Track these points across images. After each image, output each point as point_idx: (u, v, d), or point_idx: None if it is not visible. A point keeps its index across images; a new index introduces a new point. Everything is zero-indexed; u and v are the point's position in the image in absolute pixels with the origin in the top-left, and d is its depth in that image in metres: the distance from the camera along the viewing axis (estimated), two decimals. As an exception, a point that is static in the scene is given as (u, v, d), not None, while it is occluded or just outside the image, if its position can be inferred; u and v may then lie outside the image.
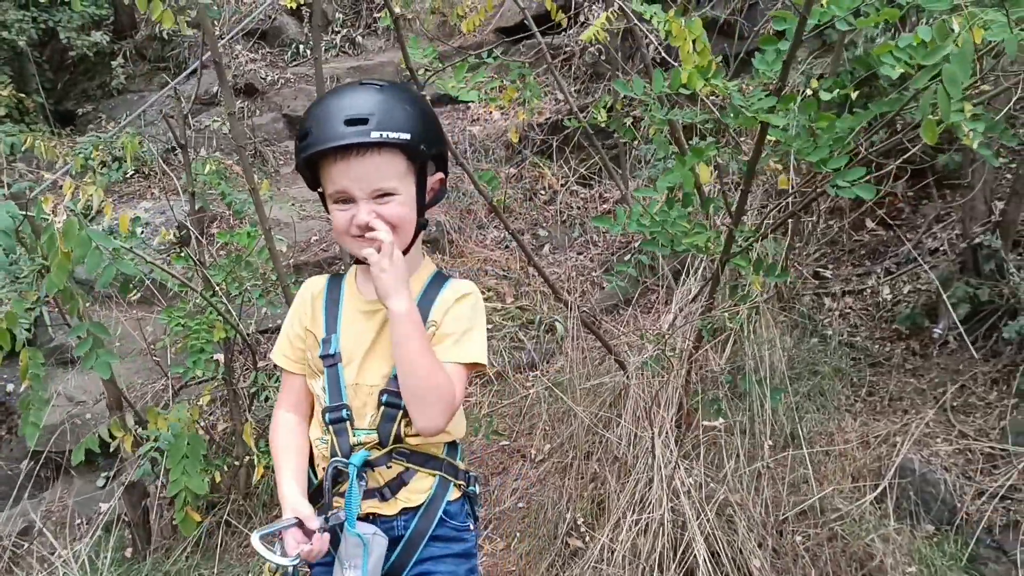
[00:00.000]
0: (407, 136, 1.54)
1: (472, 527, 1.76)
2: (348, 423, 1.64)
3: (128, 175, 6.13)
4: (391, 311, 1.56)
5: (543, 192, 5.68)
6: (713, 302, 2.94)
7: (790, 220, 3.78)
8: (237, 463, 3.48)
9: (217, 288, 3.30)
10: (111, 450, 3.35)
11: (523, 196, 5.63)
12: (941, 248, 4.11)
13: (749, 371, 3.27)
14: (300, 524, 1.59)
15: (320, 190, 1.66)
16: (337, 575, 1.61)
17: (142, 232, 4.99)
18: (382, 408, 1.62)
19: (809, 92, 2.39)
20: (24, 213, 2.38)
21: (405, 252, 1.62)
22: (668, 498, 2.74)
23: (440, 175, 1.70)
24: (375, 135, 1.51)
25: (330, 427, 1.65)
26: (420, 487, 1.68)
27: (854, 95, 2.72)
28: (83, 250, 2.28)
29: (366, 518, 1.66)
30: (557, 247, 5.31)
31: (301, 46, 7.67)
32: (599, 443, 3.31)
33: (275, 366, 1.88)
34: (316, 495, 1.72)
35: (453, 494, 1.72)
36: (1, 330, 2.55)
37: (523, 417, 4.01)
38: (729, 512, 2.91)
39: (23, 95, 6.93)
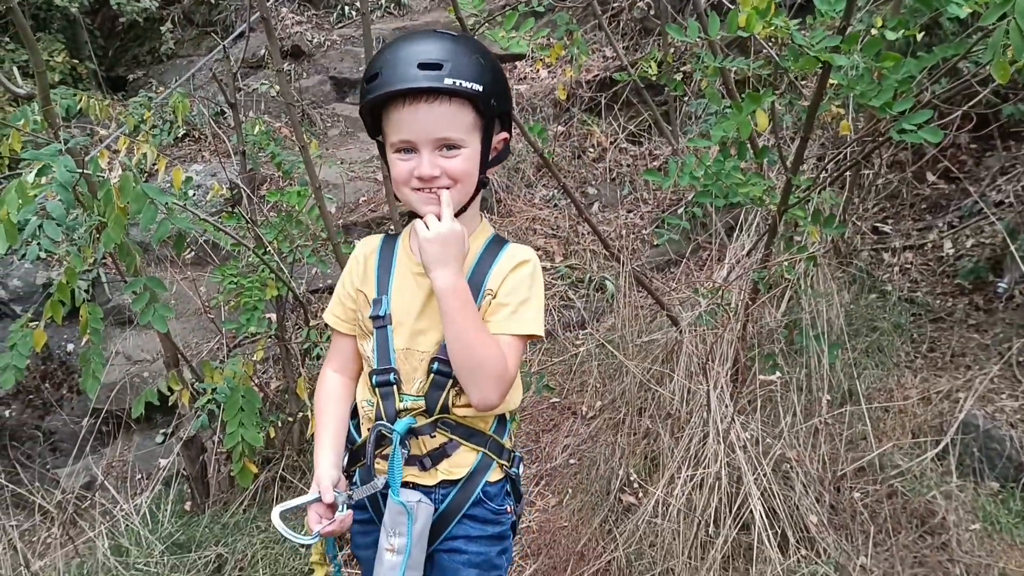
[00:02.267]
0: (479, 88, 1.48)
1: (510, 509, 1.72)
2: (395, 387, 1.61)
3: (179, 138, 6.20)
4: (434, 285, 1.52)
5: (592, 150, 5.61)
6: (770, 254, 2.87)
7: (848, 173, 3.68)
8: (291, 419, 3.52)
9: (268, 246, 3.32)
10: (169, 404, 3.41)
11: (572, 154, 5.57)
12: (1007, 200, 3.98)
13: (806, 326, 3.20)
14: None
15: (379, 138, 1.61)
16: (383, 543, 1.59)
17: (193, 195, 5.04)
18: (432, 376, 1.59)
19: (874, 32, 2.29)
20: (80, 170, 2.40)
21: (463, 210, 1.58)
22: (724, 453, 2.71)
23: (504, 134, 1.64)
24: (448, 82, 1.46)
25: (377, 390, 1.63)
26: (462, 461, 1.64)
27: (919, 36, 2.61)
28: (139, 205, 2.29)
29: (405, 486, 1.63)
30: (607, 205, 5.25)
31: (347, 7, 7.64)
32: (651, 399, 3.29)
33: (326, 326, 1.86)
34: (358, 454, 1.71)
35: (494, 474, 1.67)
36: (62, 285, 2.59)
37: (573, 375, 3.99)
38: (785, 468, 2.87)
39: (76, 61, 7.02)
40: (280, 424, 3.47)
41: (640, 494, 3.09)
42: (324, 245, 3.61)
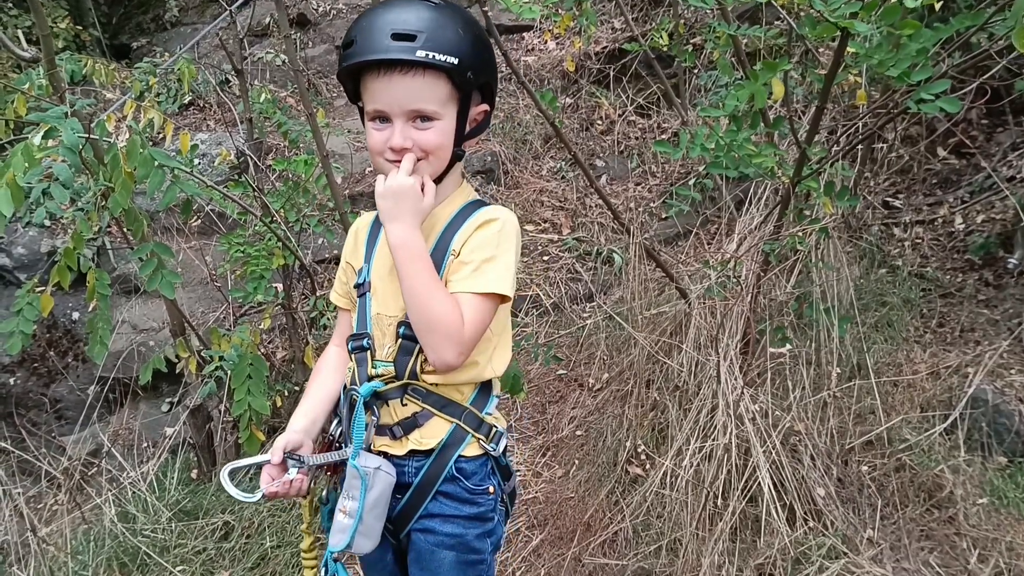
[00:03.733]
0: (455, 60, 1.45)
1: (492, 489, 1.63)
2: (368, 353, 1.60)
3: (184, 106, 6.15)
4: (388, 239, 1.51)
5: (600, 122, 5.56)
6: (781, 225, 2.84)
7: (860, 146, 3.65)
8: (297, 388, 3.52)
9: (276, 215, 3.29)
10: (177, 371, 3.41)
11: (580, 126, 5.52)
12: (1018, 176, 3.95)
13: (816, 300, 3.18)
14: (283, 460, 1.57)
15: (360, 104, 1.59)
16: (339, 504, 1.57)
17: (198, 163, 5.01)
18: (400, 341, 1.57)
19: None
20: (86, 136, 2.38)
21: (439, 180, 1.57)
22: (734, 425, 2.70)
23: (485, 106, 1.61)
24: (420, 54, 1.43)
25: (352, 356, 1.63)
26: (433, 432, 1.58)
27: (937, 6, 2.57)
28: (145, 169, 2.27)
29: (380, 455, 1.60)
30: (615, 178, 5.21)
31: (353, -24, 7.55)
32: (659, 371, 3.28)
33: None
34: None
35: (471, 449, 1.60)
36: (68, 251, 2.58)
37: (580, 347, 3.98)
38: (793, 440, 2.86)
39: (80, 28, 6.96)
40: (287, 393, 3.47)
41: (647, 466, 3.08)
42: (331, 214, 3.59)
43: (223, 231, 4.51)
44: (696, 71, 5.04)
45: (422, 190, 1.53)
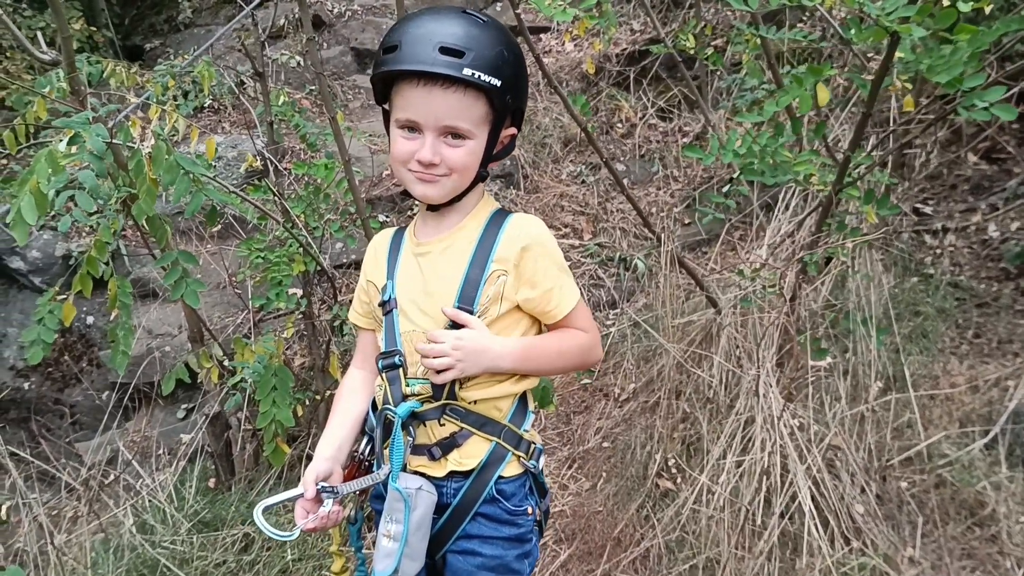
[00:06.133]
0: (498, 82, 1.44)
1: (531, 509, 1.61)
2: (401, 370, 1.56)
3: (201, 108, 6.09)
4: (504, 370, 1.54)
5: (620, 125, 5.48)
6: (820, 235, 2.76)
7: (892, 153, 3.57)
8: (317, 397, 3.46)
9: (297, 220, 3.23)
10: (198, 381, 3.34)
11: (600, 130, 5.45)
12: (1054, 183, 3.86)
13: (852, 310, 3.11)
14: (317, 492, 1.52)
15: (386, 106, 1.56)
16: (381, 529, 1.52)
17: (215, 167, 4.95)
18: None
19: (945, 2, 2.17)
20: (109, 140, 2.32)
21: (458, 199, 1.57)
22: (777, 440, 2.62)
23: (513, 130, 1.61)
24: (467, 72, 1.41)
25: (383, 374, 1.59)
26: (473, 452, 1.55)
27: (987, 10, 2.49)
28: (171, 176, 2.21)
29: (417, 475, 1.57)
30: (636, 182, 5.13)
31: (368, -23, 7.49)
32: (688, 382, 3.20)
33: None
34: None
35: (511, 468, 1.58)
36: (91, 259, 2.52)
37: (605, 356, 3.90)
38: (830, 456, 2.79)
39: (93, 29, 6.91)
40: (307, 402, 3.40)
41: (678, 479, 3.01)
42: (352, 220, 3.52)
43: (242, 235, 4.45)
44: (719, 73, 4.96)
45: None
